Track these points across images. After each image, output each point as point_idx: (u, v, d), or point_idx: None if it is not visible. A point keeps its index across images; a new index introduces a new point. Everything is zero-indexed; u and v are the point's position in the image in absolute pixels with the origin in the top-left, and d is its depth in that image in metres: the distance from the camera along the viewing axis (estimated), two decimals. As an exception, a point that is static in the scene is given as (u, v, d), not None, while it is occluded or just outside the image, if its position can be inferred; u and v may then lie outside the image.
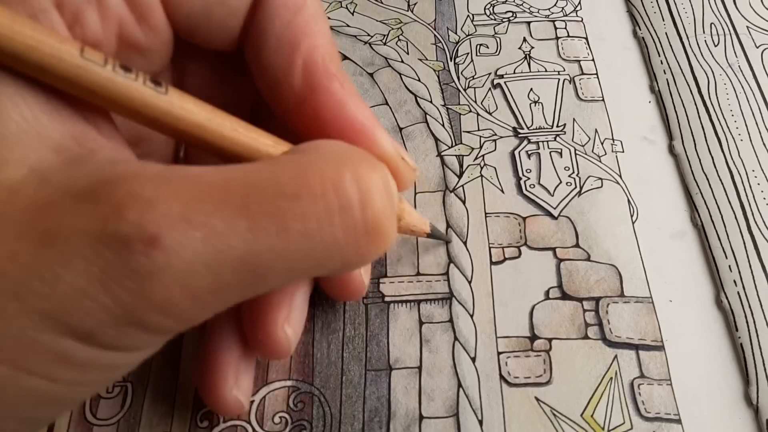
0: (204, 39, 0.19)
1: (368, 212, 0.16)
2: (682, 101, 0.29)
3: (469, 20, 0.33)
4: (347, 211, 0.15)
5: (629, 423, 0.21)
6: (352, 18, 0.33)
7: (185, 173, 0.15)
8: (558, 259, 0.25)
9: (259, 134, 0.18)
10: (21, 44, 0.14)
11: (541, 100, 0.29)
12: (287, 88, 0.18)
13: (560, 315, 0.23)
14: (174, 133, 0.17)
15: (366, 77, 0.31)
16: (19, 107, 0.15)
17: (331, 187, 0.15)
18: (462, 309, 0.24)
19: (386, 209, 0.16)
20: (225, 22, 0.19)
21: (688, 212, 0.26)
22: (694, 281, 0.24)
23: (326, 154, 0.16)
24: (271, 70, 0.19)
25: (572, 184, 0.27)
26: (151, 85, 0.16)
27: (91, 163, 0.15)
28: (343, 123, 0.18)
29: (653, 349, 0.23)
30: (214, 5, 0.18)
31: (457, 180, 0.27)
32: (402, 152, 0.20)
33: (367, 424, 0.22)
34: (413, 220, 0.22)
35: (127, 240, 0.13)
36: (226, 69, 0.21)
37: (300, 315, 0.20)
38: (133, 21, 0.17)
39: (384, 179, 0.16)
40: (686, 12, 0.32)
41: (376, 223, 0.16)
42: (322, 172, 0.15)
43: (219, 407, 0.20)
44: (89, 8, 0.16)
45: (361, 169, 0.16)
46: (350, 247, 0.16)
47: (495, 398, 0.22)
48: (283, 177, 0.15)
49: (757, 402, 0.21)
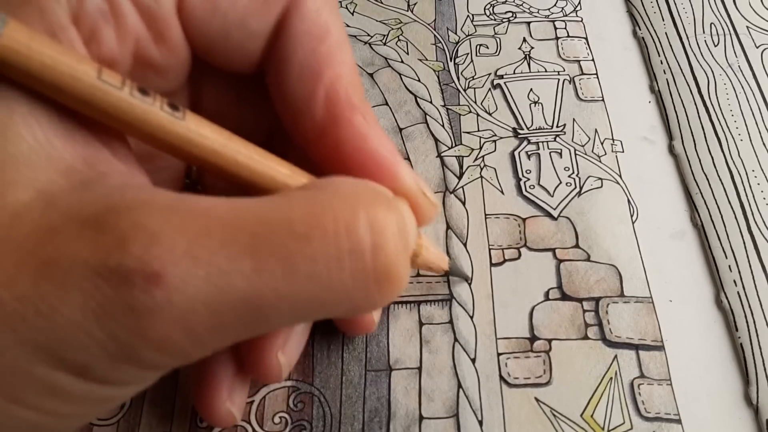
0: (222, 60, 0.19)
1: (380, 258, 0.15)
2: (682, 101, 0.29)
3: (469, 20, 0.33)
4: (358, 255, 0.15)
5: (629, 423, 0.21)
6: (352, 18, 0.33)
7: (195, 205, 0.14)
8: (558, 260, 0.25)
9: (276, 163, 0.17)
10: (38, 63, 0.14)
11: (540, 100, 0.29)
12: (308, 118, 0.18)
13: (560, 315, 0.23)
14: (189, 159, 0.17)
15: (366, 77, 0.31)
16: (31, 127, 0.14)
17: (344, 230, 0.15)
18: (462, 310, 0.24)
19: (399, 255, 0.16)
20: (244, 45, 0.18)
21: (688, 212, 0.26)
22: (694, 281, 0.24)
23: (342, 192, 0.16)
24: (293, 98, 0.18)
25: (572, 185, 0.27)
26: (168, 110, 0.16)
27: (100, 187, 0.15)
28: (364, 156, 0.18)
29: (653, 349, 0.23)
30: (233, 27, 0.18)
31: (457, 181, 0.27)
32: (423, 187, 0.19)
33: (367, 424, 0.22)
34: (431, 257, 0.21)
35: (128, 275, 0.13)
36: (245, 91, 0.21)
37: (297, 344, 0.20)
38: (150, 39, 0.17)
39: (400, 222, 0.16)
40: (686, 12, 0.32)
41: (388, 269, 0.15)
42: (335, 213, 0.15)
43: (210, 419, 0.20)
44: (106, 26, 0.16)
45: (376, 210, 0.15)
46: (359, 293, 0.15)
47: (495, 399, 0.22)
48: (295, 215, 0.15)
49: (757, 402, 0.21)
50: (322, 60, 0.18)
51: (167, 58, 0.18)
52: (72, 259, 0.13)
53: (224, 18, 0.17)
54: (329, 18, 0.18)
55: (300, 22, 0.18)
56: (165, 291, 0.13)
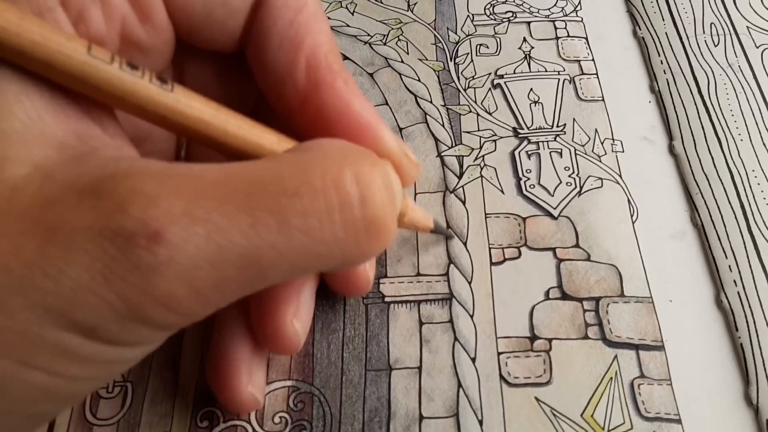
0: (205, 39, 0.19)
1: (368, 209, 0.16)
2: (682, 101, 0.29)
3: (469, 20, 0.33)
4: (347, 208, 0.16)
5: (629, 423, 0.21)
6: (352, 18, 0.33)
7: (188, 170, 0.15)
8: (558, 259, 0.25)
9: (263, 131, 0.18)
10: (28, 40, 0.14)
11: (541, 100, 0.29)
12: (291, 87, 0.19)
13: (560, 315, 0.23)
14: (180, 130, 0.17)
15: (366, 77, 0.31)
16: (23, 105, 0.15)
17: (332, 185, 0.15)
18: (462, 309, 0.24)
19: (386, 206, 0.16)
20: (226, 23, 0.19)
21: (688, 212, 0.26)
22: (694, 281, 0.24)
23: (328, 151, 0.17)
24: (275, 69, 0.19)
25: (572, 184, 0.27)
26: (157, 82, 0.16)
27: (94, 160, 0.15)
28: (347, 120, 0.19)
29: (653, 349, 0.23)
30: (215, 5, 0.18)
31: (457, 180, 0.27)
32: (405, 149, 0.20)
33: (367, 424, 0.22)
34: (417, 216, 0.22)
35: (130, 235, 0.13)
36: (227, 70, 0.21)
37: (308, 309, 0.21)
38: (136, 20, 0.18)
39: (385, 177, 0.17)
40: (686, 12, 0.32)
41: (376, 220, 0.16)
42: (323, 170, 0.15)
43: (235, 405, 0.20)
44: (93, 6, 0.16)
45: (362, 166, 0.16)
46: (350, 244, 0.16)
47: (495, 398, 0.22)
48: (285, 174, 0.15)
49: (757, 402, 0.21)
50: (301, 29, 0.18)
51: (153, 38, 0.18)
52: (75, 225, 0.14)
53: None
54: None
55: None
56: (167, 249, 0.14)
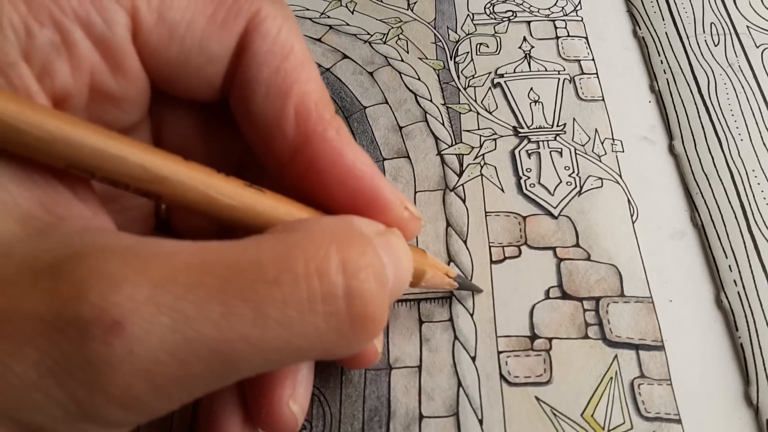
0: (183, 88, 0.18)
1: (354, 302, 0.14)
2: (682, 101, 0.29)
3: (469, 19, 0.33)
4: (331, 299, 0.14)
5: (629, 423, 0.21)
6: (352, 17, 0.33)
7: (158, 248, 0.14)
8: (558, 259, 0.25)
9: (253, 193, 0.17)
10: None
11: (541, 99, 0.29)
12: (280, 138, 0.17)
13: (560, 314, 0.23)
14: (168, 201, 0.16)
15: (366, 76, 0.30)
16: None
17: (315, 272, 0.14)
18: (462, 308, 0.24)
19: (374, 298, 0.15)
20: (205, 70, 0.17)
21: (688, 212, 0.26)
22: (694, 281, 0.24)
23: (314, 233, 0.15)
24: (262, 119, 0.17)
25: (572, 184, 0.27)
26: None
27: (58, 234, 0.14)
28: (341, 171, 0.17)
29: (653, 349, 0.23)
30: (191, 53, 0.17)
31: (457, 179, 0.27)
32: (405, 201, 0.19)
33: (366, 423, 0.21)
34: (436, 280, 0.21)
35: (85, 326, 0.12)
36: (210, 120, 0.20)
37: (306, 388, 0.19)
38: (107, 69, 0.16)
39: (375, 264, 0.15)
40: (686, 12, 0.32)
41: (363, 312, 0.15)
42: (306, 255, 0.14)
43: None
44: (59, 58, 0.15)
45: (349, 251, 0.15)
46: (333, 337, 0.15)
47: (495, 397, 0.22)
48: (265, 258, 0.14)
49: (757, 402, 0.21)
50: (289, 77, 0.17)
51: (125, 88, 0.17)
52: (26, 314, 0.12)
53: (182, 43, 0.17)
54: (290, 35, 0.17)
55: (262, 41, 0.17)
56: (126, 341, 0.12)
